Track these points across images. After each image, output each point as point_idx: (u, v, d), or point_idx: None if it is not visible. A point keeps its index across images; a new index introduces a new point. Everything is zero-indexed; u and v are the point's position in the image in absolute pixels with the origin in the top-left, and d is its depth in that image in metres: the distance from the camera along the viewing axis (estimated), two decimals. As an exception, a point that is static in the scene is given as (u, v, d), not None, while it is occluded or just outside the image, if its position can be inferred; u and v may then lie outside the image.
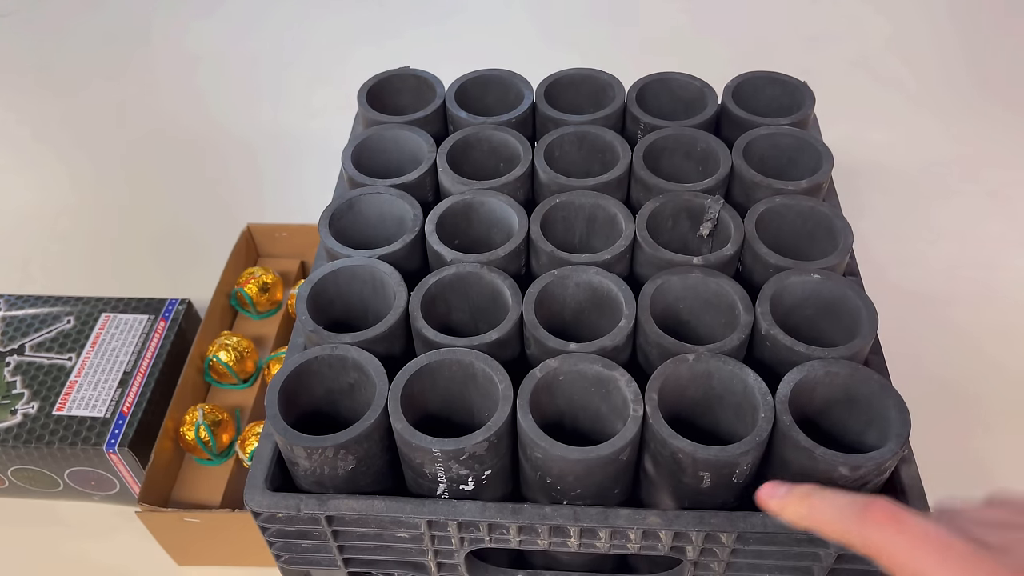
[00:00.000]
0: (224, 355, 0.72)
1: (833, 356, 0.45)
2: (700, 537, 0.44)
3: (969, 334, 0.80)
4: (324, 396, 0.48)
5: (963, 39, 1.15)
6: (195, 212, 0.97)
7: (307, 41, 1.22)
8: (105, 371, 0.70)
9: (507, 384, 0.44)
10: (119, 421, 0.66)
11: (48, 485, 0.69)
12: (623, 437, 0.42)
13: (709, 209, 0.53)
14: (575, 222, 0.55)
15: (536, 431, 0.42)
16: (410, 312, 0.48)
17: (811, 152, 0.57)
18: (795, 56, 1.09)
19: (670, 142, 0.58)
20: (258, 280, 0.79)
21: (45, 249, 0.94)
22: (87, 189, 1.01)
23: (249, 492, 0.45)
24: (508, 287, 0.49)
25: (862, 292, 0.49)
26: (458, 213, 0.54)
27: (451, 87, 0.63)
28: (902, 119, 1.04)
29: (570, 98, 0.64)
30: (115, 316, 0.75)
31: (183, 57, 1.20)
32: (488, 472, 0.44)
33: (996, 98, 1.06)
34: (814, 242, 0.53)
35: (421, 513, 0.44)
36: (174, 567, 0.67)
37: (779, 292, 0.48)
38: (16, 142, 1.09)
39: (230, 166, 1.03)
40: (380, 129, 0.60)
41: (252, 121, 1.09)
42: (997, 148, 1.00)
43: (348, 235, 0.54)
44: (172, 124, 1.09)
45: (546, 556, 0.51)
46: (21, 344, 0.73)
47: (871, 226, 0.87)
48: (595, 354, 0.45)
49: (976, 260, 0.87)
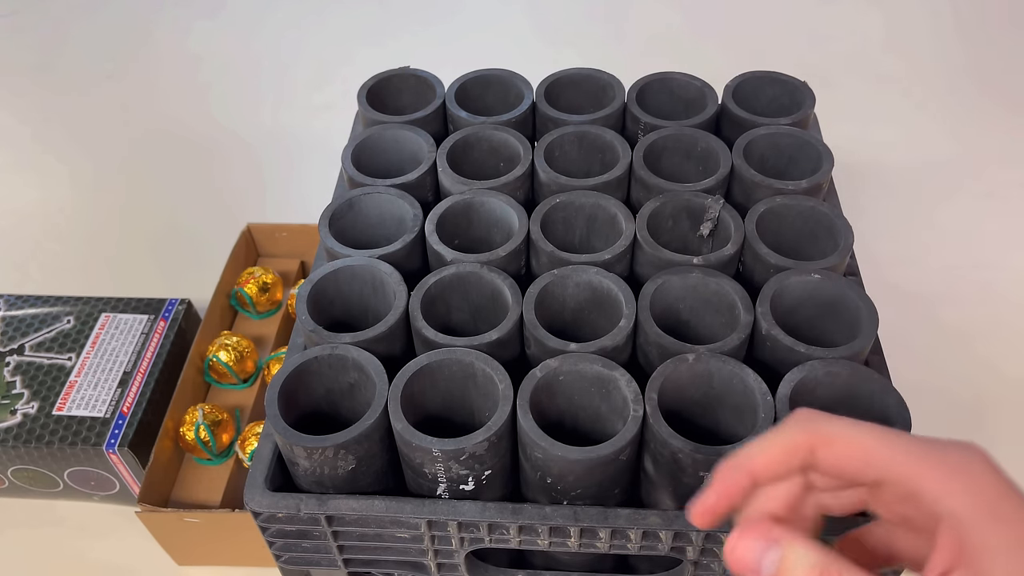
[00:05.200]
0: (224, 355, 0.72)
1: (833, 356, 0.45)
2: (700, 537, 0.44)
3: (969, 334, 0.80)
4: (324, 396, 0.48)
5: (964, 39, 1.15)
6: (195, 212, 0.97)
7: (307, 41, 1.22)
8: (105, 371, 0.70)
9: (507, 384, 0.44)
10: (119, 421, 0.66)
11: (48, 485, 0.69)
12: (623, 437, 0.42)
13: (709, 209, 0.53)
14: (575, 222, 0.55)
15: (536, 431, 0.42)
16: (410, 312, 0.48)
17: (811, 152, 0.57)
18: (795, 56, 1.09)
19: (670, 142, 0.58)
20: (258, 280, 0.79)
21: (45, 249, 0.94)
22: (87, 189, 1.01)
23: (249, 492, 0.45)
24: (508, 287, 0.49)
25: (862, 292, 0.49)
26: (458, 213, 0.54)
27: (451, 87, 0.63)
28: (903, 119, 1.04)
29: (570, 98, 0.64)
30: (115, 316, 0.75)
31: (183, 57, 1.20)
32: (488, 472, 0.44)
33: (997, 98, 1.06)
34: (814, 242, 0.53)
35: (421, 513, 0.44)
36: (174, 567, 0.67)
37: (779, 292, 0.48)
38: (16, 142, 1.09)
39: (230, 166, 1.03)
40: (380, 129, 0.60)
41: (252, 121, 1.08)
42: (998, 148, 1.00)
43: (348, 235, 0.54)
44: (172, 124, 1.09)
45: (546, 556, 0.51)
46: (21, 344, 0.72)
47: (871, 226, 0.87)
48: (595, 354, 0.45)
49: (977, 260, 0.87)
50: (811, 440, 0.30)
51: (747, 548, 0.27)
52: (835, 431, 0.30)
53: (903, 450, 0.28)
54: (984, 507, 0.26)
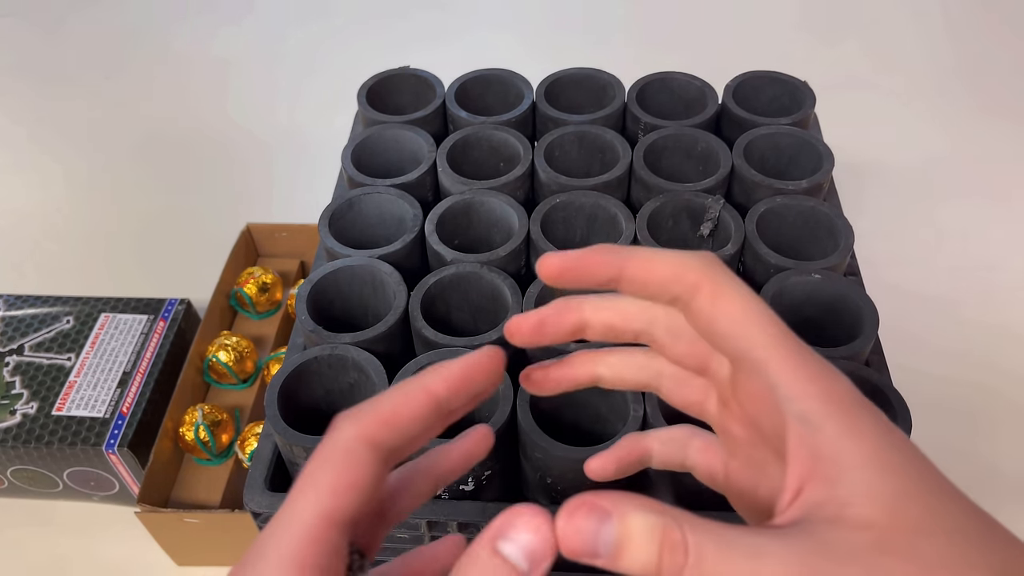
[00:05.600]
0: (224, 355, 0.72)
1: (834, 356, 0.45)
2: (700, 537, 0.44)
3: (970, 334, 0.80)
4: (324, 396, 0.48)
5: (964, 38, 1.15)
6: (194, 212, 0.97)
7: (307, 41, 1.22)
8: (104, 371, 0.70)
9: (507, 384, 0.44)
10: (118, 421, 0.66)
11: (47, 485, 0.69)
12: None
13: (710, 209, 0.53)
14: (575, 222, 0.55)
15: (536, 431, 0.42)
16: (410, 312, 0.48)
17: (811, 152, 0.57)
18: (796, 55, 1.09)
19: (670, 142, 0.58)
20: (258, 280, 0.79)
21: (44, 249, 0.94)
22: (86, 189, 1.01)
23: (249, 492, 0.45)
24: (508, 287, 0.49)
25: (863, 292, 0.49)
26: (458, 213, 0.54)
27: (451, 87, 0.63)
28: (903, 119, 1.04)
29: (570, 98, 0.64)
30: (114, 316, 0.75)
31: (180, 57, 1.20)
32: (488, 472, 0.44)
33: (997, 98, 1.06)
34: (815, 242, 0.53)
35: (421, 513, 0.44)
36: (173, 567, 0.67)
37: (780, 292, 0.48)
38: (16, 142, 1.09)
39: (230, 166, 1.03)
40: (380, 129, 0.60)
41: (252, 121, 1.08)
42: (998, 148, 1.00)
43: (348, 235, 0.54)
44: (171, 124, 1.09)
45: (546, 556, 0.51)
46: (20, 344, 0.72)
47: (872, 226, 0.87)
48: (595, 354, 0.45)
49: (977, 260, 0.87)
50: (700, 280, 0.26)
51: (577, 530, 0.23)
52: (730, 286, 0.26)
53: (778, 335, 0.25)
54: (841, 417, 0.23)
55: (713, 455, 0.31)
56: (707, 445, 0.31)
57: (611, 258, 0.27)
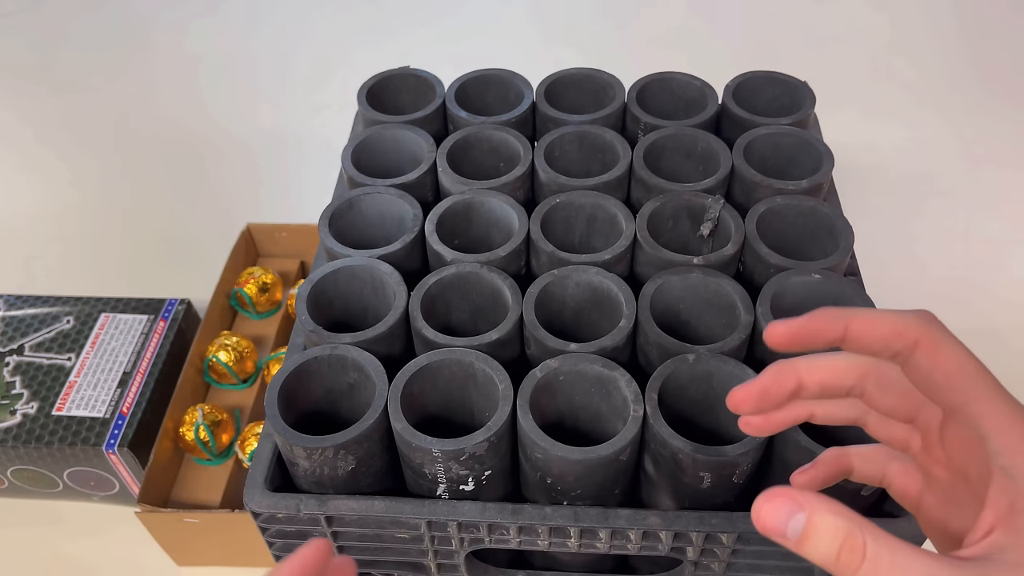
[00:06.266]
0: (224, 355, 0.72)
1: (834, 356, 0.45)
2: (700, 537, 0.44)
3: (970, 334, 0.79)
4: (324, 396, 0.48)
5: (964, 38, 1.15)
6: (195, 212, 0.97)
7: (307, 41, 1.22)
8: (104, 371, 0.70)
9: (507, 384, 0.44)
10: (119, 421, 0.66)
11: (48, 485, 0.69)
12: (623, 437, 0.42)
13: (710, 209, 0.53)
14: (575, 222, 0.55)
15: (536, 431, 0.42)
16: (410, 312, 0.48)
17: (811, 152, 0.57)
18: (796, 55, 1.09)
19: (670, 142, 0.58)
20: (258, 280, 0.79)
21: (45, 249, 0.94)
22: (87, 189, 1.01)
23: (249, 492, 0.45)
24: (508, 287, 0.49)
25: (863, 292, 0.49)
26: (458, 213, 0.54)
27: (451, 87, 0.63)
28: (903, 119, 1.04)
29: (570, 98, 0.64)
30: (114, 316, 0.75)
31: (183, 57, 1.20)
32: (488, 472, 0.44)
33: (997, 98, 1.06)
34: (815, 242, 0.53)
35: (421, 513, 0.44)
36: (174, 567, 0.67)
37: (780, 292, 0.48)
38: (17, 142, 1.09)
39: (230, 166, 1.03)
40: (380, 129, 0.60)
41: (252, 121, 1.08)
42: (998, 148, 1.00)
43: (348, 235, 0.54)
44: (172, 124, 1.09)
45: (546, 556, 0.51)
46: (20, 344, 0.72)
47: (872, 226, 0.87)
48: (595, 354, 0.45)
49: (977, 260, 0.87)
50: (920, 337, 0.28)
51: (772, 512, 0.27)
52: (948, 343, 0.28)
53: (993, 390, 0.28)
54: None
55: (911, 480, 0.34)
56: (906, 470, 0.34)
57: (835, 323, 0.30)
